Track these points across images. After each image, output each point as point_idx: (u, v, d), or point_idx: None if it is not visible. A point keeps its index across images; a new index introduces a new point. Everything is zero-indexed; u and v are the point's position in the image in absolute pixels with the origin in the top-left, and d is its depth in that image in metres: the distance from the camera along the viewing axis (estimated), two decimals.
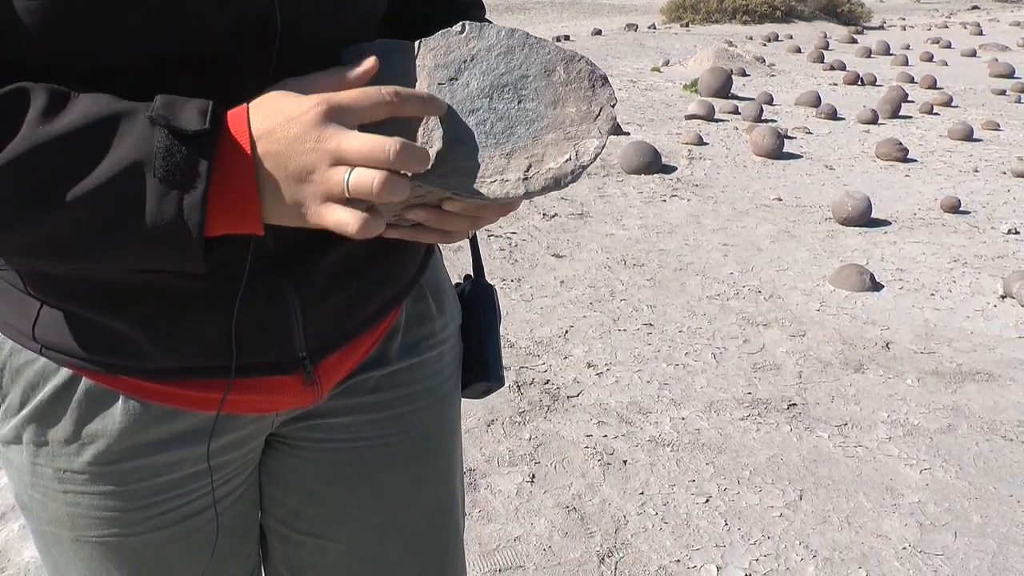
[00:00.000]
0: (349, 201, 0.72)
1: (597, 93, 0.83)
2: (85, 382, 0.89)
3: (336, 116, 0.72)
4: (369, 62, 0.79)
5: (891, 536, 2.55)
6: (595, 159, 0.81)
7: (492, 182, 0.79)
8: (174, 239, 0.70)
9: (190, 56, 0.76)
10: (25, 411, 0.91)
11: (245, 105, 0.74)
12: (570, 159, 0.80)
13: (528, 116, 0.81)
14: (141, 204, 0.69)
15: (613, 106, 0.82)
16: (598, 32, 16.63)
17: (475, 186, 0.79)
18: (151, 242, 0.71)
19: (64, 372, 0.89)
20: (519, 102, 0.82)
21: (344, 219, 0.71)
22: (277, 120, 0.71)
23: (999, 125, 8.77)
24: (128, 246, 0.72)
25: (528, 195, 0.80)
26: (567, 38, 15.23)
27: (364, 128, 0.74)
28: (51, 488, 0.94)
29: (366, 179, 0.70)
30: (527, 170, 0.80)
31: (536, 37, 0.84)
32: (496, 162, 0.80)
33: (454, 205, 0.82)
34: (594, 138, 0.81)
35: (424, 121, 0.81)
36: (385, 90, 0.74)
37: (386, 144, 0.70)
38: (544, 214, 5.47)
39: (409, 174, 0.75)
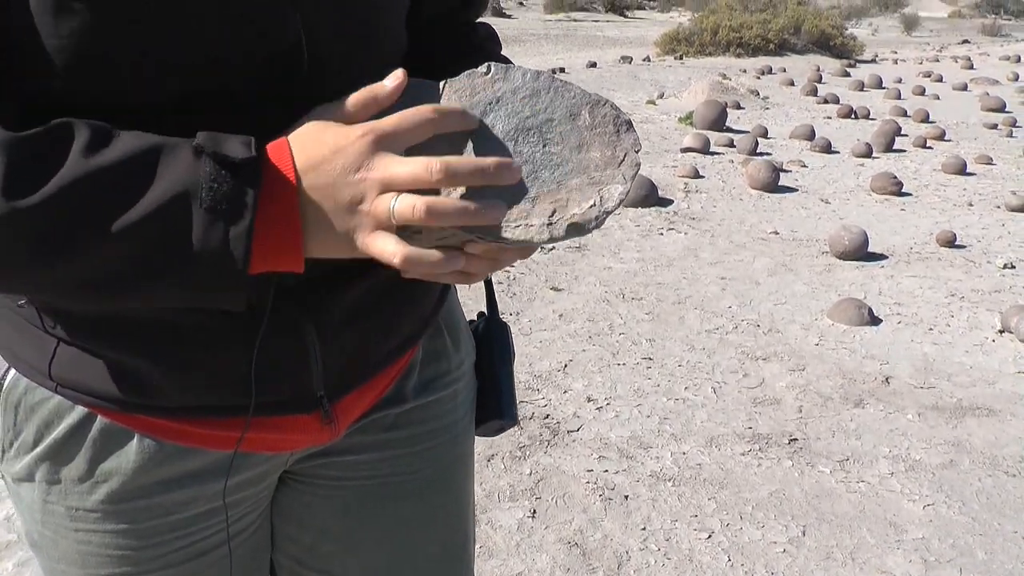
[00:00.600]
0: (400, 231, 0.73)
1: (622, 138, 0.82)
2: (100, 420, 0.89)
3: (383, 144, 0.72)
4: (398, 75, 0.78)
5: (895, 572, 2.54)
6: (619, 205, 0.80)
7: (516, 227, 0.78)
8: (218, 271, 0.70)
9: (215, 93, 0.77)
10: (39, 449, 0.90)
11: (284, 138, 0.74)
12: (594, 205, 0.79)
13: (553, 160, 0.81)
14: (186, 235, 0.69)
15: (637, 152, 0.82)
16: (593, 64, 16.74)
17: (499, 230, 0.78)
18: (194, 274, 0.70)
19: (79, 410, 0.88)
20: (544, 146, 0.81)
21: (388, 249, 0.72)
22: (323, 152, 0.72)
23: (991, 159, 8.84)
24: (170, 280, 0.71)
25: (552, 240, 0.79)
26: (562, 70, 15.31)
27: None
28: (62, 526, 0.93)
29: (408, 204, 0.71)
30: (551, 215, 0.79)
31: (562, 80, 0.83)
32: (520, 206, 0.79)
33: (475, 247, 0.81)
34: (618, 184, 0.80)
35: None
36: (424, 109, 0.74)
37: (429, 165, 0.71)
38: (542, 247, 5.47)
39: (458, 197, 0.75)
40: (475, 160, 0.74)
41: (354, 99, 0.76)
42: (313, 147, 0.73)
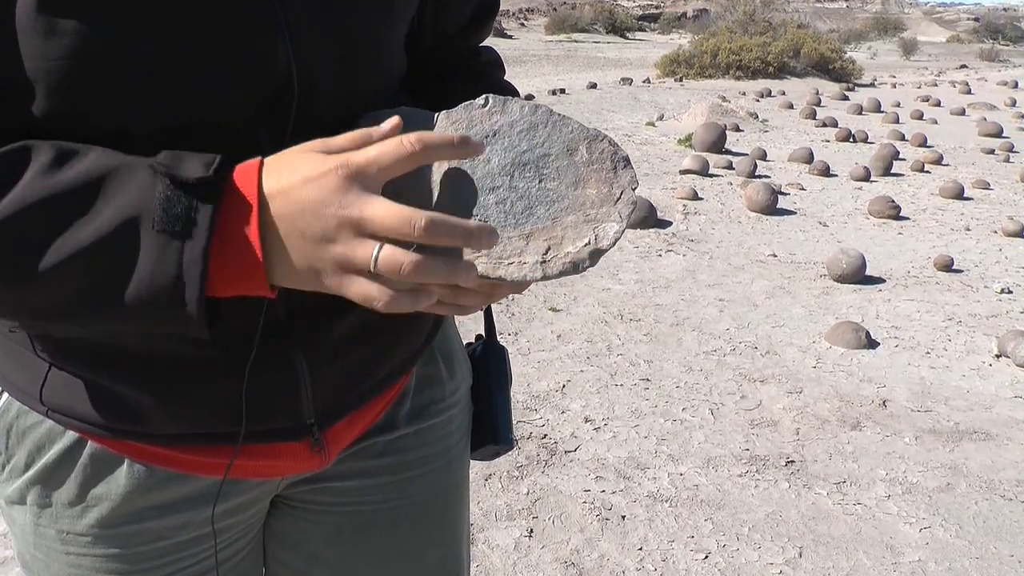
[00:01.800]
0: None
1: (619, 175, 0.81)
2: (91, 445, 0.89)
3: (359, 178, 0.67)
4: (392, 121, 0.73)
5: None
6: (614, 244, 0.79)
7: (510, 264, 0.78)
8: (173, 298, 0.67)
9: (208, 123, 0.76)
10: (30, 473, 0.90)
11: (258, 159, 0.70)
12: (589, 243, 0.79)
13: (549, 196, 0.80)
14: (137, 259, 0.66)
15: (634, 189, 0.81)
16: (593, 86, 16.80)
17: (492, 267, 0.78)
18: (149, 301, 0.67)
19: (70, 435, 0.89)
20: (540, 181, 0.80)
21: (371, 293, 0.68)
22: (293, 179, 0.67)
23: (989, 184, 8.86)
24: (127, 308, 0.68)
25: (545, 278, 0.78)
26: (563, 91, 15.37)
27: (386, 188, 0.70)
28: (53, 549, 0.93)
29: (396, 260, 0.66)
30: (545, 253, 0.78)
31: (559, 114, 0.82)
32: (514, 243, 0.79)
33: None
34: (614, 222, 0.79)
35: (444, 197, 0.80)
36: (407, 140, 0.68)
37: (412, 218, 0.66)
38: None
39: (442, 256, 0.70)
40: (461, 222, 0.69)
41: (348, 137, 0.72)
42: (285, 173, 0.68)
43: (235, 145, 0.78)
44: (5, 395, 0.90)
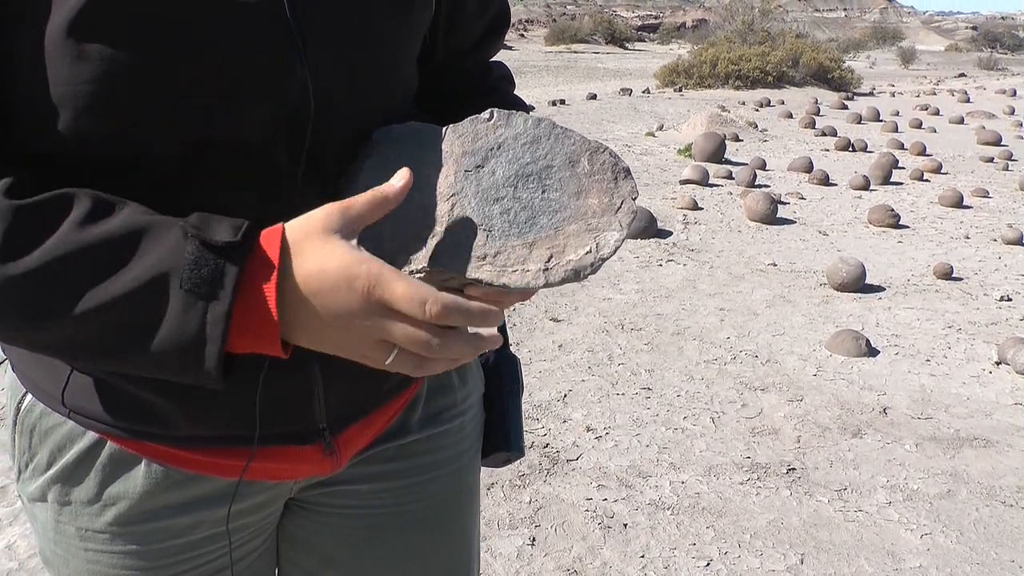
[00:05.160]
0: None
1: (619, 185, 0.84)
2: (110, 446, 0.91)
3: (383, 309, 0.73)
4: (404, 175, 0.78)
5: None
6: (615, 252, 0.82)
7: (513, 271, 0.81)
8: (193, 353, 0.71)
9: (227, 141, 0.79)
10: (51, 471, 0.93)
11: (280, 226, 0.74)
12: (590, 251, 0.81)
13: (551, 206, 0.83)
14: (163, 315, 0.70)
15: (635, 199, 0.84)
16: (593, 96, 16.85)
17: (496, 275, 0.81)
18: (170, 354, 0.71)
19: (90, 436, 0.91)
20: (543, 192, 0.83)
21: (405, 369, 0.76)
22: (322, 285, 0.72)
23: (988, 192, 8.89)
24: (149, 356, 0.72)
25: (547, 285, 0.81)
26: (563, 102, 15.41)
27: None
28: (73, 545, 0.95)
29: (407, 363, 0.75)
30: (548, 261, 0.81)
31: (562, 127, 0.85)
32: (518, 252, 0.81)
33: (476, 291, 0.84)
34: (615, 231, 0.82)
35: (449, 208, 0.83)
36: (431, 307, 0.72)
37: (430, 341, 0.73)
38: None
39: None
40: (468, 305, 0.74)
41: (364, 202, 0.76)
42: (313, 272, 0.73)
43: (253, 161, 0.81)
44: (29, 396, 0.93)
